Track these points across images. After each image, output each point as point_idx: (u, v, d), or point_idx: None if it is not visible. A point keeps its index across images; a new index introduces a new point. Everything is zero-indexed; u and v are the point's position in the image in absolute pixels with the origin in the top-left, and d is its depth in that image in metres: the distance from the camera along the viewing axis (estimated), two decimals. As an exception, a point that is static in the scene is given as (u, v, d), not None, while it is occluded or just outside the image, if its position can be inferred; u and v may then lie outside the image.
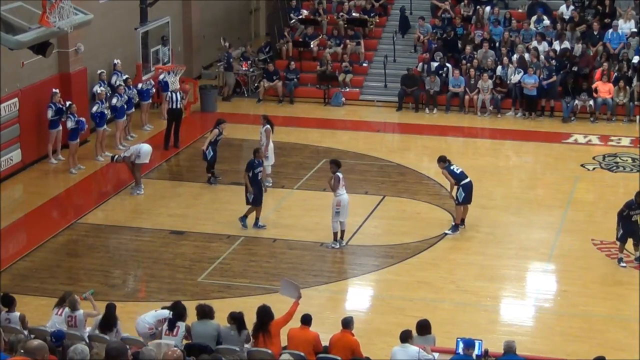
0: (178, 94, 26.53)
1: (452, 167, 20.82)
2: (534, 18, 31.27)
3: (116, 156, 23.65)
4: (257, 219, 21.04)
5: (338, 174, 20.01)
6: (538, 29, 30.87)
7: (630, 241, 19.30)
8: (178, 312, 14.13)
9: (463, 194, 20.63)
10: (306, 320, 13.98)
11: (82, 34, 24.87)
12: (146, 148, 23.11)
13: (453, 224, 20.98)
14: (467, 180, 20.69)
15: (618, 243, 19.41)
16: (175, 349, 9.80)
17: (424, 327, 14.20)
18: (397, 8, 33.07)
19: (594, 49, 30.03)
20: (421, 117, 29.43)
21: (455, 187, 20.75)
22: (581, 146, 26.71)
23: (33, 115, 24.64)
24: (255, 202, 20.93)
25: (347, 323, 13.91)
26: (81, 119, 24.48)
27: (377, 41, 32.50)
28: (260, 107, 29.76)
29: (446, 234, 20.80)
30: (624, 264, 19.26)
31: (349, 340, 13.78)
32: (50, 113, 24.40)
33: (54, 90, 24.61)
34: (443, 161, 20.86)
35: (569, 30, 30.53)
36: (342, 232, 20.26)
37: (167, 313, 14.23)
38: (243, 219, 21.07)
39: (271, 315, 13.90)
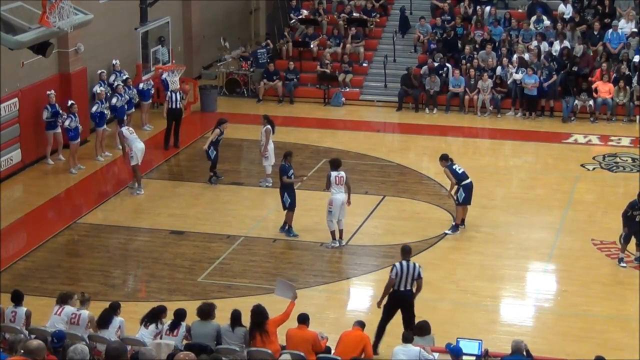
0: (178, 94, 26.52)
1: (454, 167, 20.76)
2: (533, 18, 31.26)
3: (123, 123, 23.65)
4: (289, 225, 20.78)
5: (331, 172, 20.01)
6: (538, 29, 30.87)
7: (632, 242, 19.26)
8: (178, 312, 14.17)
9: (464, 195, 20.60)
10: (303, 319, 14.01)
11: (82, 34, 24.87)
12: (140, 147, 22.97)
13: (453, 223, 20.97)
14: (468, 181, 20.66)
15: (620, 243, 19.40)
16: (188, 352, 9.82)
17: (422, 329, 14.23)
18: (397, 8, 33.06)
19: (594, 49, 30.04)
20: (421, 117, 29.42)
21: (456, 187, 20.73)
22: (581, 146, 26.70)
23: (33, 115, 24.62)
24: (291, 206, 20.72)
25: (360, 323, 14.22)
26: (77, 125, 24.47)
27: (377, 41, 32.48)
28: (260, 107, 29.74)
29: (446, 233, 20.79)
30: (624, 264, 19.25)
31: (360, 335, 13.98)
32: (45, 114, 24.40)
33: (48, 92, 24.50)
34: (445, 159, 20.80)
35: (569, 30, 30.53)
36: (341, 231, 20.24)
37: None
38: (290, 229, 20.77)
39: (265, 315, 13.89)
